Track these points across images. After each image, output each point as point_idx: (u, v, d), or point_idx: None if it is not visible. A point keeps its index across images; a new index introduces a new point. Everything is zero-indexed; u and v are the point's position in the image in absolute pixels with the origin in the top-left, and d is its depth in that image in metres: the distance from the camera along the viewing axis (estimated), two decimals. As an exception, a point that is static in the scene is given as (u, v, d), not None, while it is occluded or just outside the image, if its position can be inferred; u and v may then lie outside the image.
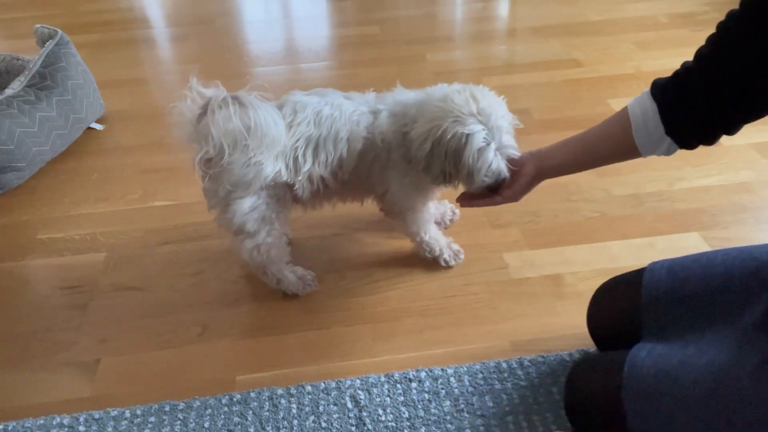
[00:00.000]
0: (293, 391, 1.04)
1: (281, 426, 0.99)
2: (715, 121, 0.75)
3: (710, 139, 0.78)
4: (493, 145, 0.99)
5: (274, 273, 1.17)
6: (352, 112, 1.08)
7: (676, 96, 0.77)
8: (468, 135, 0.97)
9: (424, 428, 0.97)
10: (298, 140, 1.02)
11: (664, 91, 0.80)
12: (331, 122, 1.05)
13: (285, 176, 1.02)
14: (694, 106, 0.75)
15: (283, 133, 0.98)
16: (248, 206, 1.03)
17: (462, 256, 1.28)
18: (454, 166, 1.00)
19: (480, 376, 1.04)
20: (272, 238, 1.09)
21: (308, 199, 1.11)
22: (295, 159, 1.03)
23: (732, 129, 0.76)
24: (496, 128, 1.00)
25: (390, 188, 1.12)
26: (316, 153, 1.04)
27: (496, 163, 1.00)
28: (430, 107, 1.03)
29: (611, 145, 0.93)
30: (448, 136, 0.97)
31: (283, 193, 1.07)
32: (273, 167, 0.99)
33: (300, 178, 1.03)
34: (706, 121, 0.76)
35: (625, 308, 0.91)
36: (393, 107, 1.11)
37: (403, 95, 1.16)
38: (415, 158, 1.03)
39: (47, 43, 1.71)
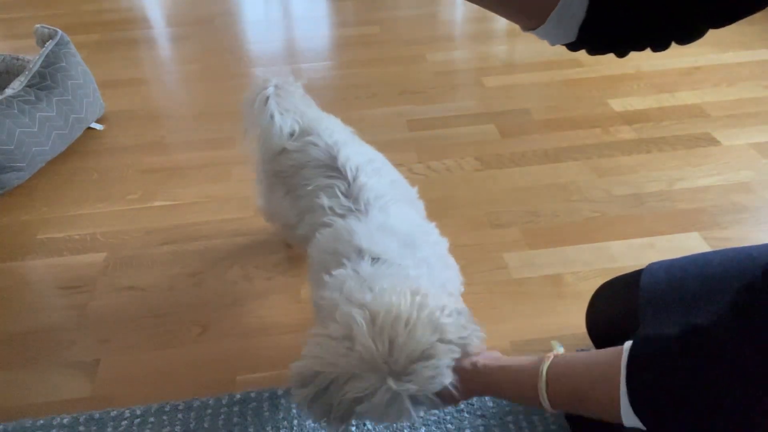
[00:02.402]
0: (293, 391, 1.04)
1: (281, 426, 0.99)
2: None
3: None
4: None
5: None
6: None
7: None
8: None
9: (424, 428, 0.97)
10: None
11: None
12: None
13: None
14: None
15: None
16: None
17: None
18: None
19: (480, 376, 1.04)
20: None
21: None
22: None
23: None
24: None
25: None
26: None
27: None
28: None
29: None
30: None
31: None
32: None
33: None
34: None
35: (623, 309, 0.91)
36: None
37: None
38: None
39: (47, 43, 1.71)
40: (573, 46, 0.69)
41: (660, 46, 0.65)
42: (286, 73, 1.07)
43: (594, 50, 0.68)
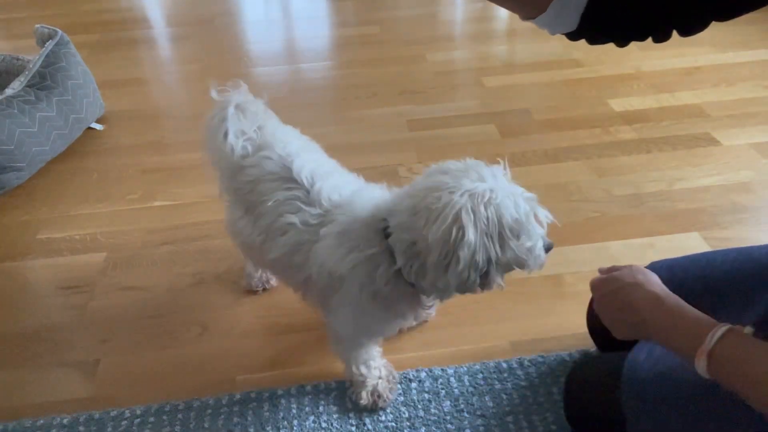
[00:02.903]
0: (293, 391, 1.04)
1: (281, 426, 0.99)
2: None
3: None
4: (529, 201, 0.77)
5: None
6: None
7: None
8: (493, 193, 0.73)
9: (424, 428, 0.97)
10: None
11: None
12: None
13: None
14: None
15: None
16: None
17: (390, 394, 1.01)
18: (499, 246, 0.73)
19: (480, 376, 1.04)
20: None
21: None
22: None
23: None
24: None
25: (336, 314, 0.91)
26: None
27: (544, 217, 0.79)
28: (426, 197, 0.74)
29: None
30: (482, 208, 0.71)
31: None
32: None
33: None
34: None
35: None
36: (343, 225, 0.84)
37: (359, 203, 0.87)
38: (430, 272, 0.74)
39: (47, 43, 1.71)
40: (573, 36, 0.68)
41: (661, 36, 0.64)
42: (246, 89, 1.03)
43: (594, 40, 0.67)
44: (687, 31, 0.63)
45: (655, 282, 0.73)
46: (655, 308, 0.69)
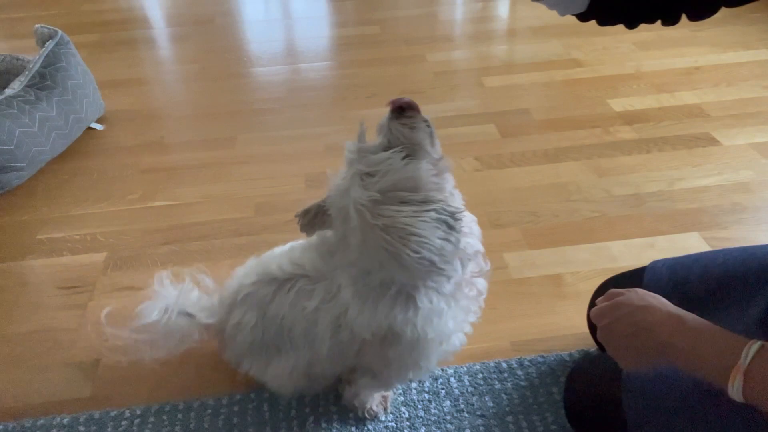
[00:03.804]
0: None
1: (281, 426, 0.99)
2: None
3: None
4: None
5: None
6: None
7: None
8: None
9: (424, 428, 0.97)
10: None
11: None
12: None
13: None
14: None
15: None
16: None
17: (388, 404, 1.02)
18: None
19: (480, 376, 1.04)
20: None
21: None
22: None
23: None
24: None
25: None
26: None
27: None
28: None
29: None
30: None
31: None
32: None
33: None
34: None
35: None
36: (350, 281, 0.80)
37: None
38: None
39: (47, 43, 1.71)
40: (583, 16, 0.68)
41: (670, 19, 0.64)
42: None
43: (604, 21, 0.67)
44: (696, 15, 0.62)
45: (669, 303, 0.67)
46: (676, 329, 0.63)
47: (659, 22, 0.66)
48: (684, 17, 0.65)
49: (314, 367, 0.88)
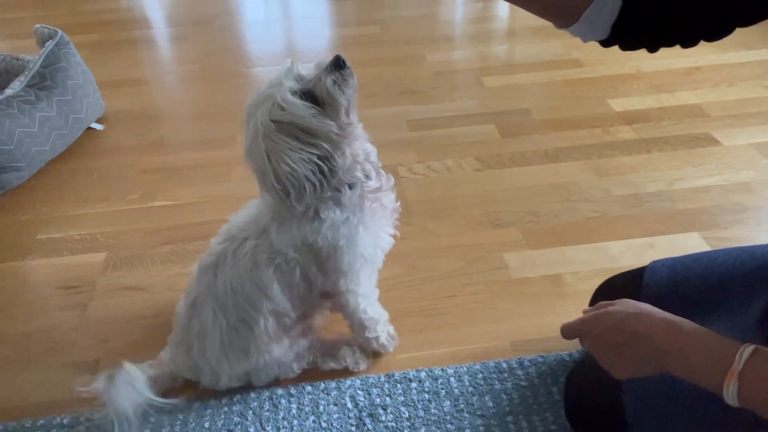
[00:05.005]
0: (293, 391, 1.04)
1: (281, 426, 0.99)
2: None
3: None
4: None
5: None
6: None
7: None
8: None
9: (424, 428, 0.97)
10: None
11: None
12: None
13: None
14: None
15: None
16: None
17: (395, 342, 1.09)
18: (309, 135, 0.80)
19: (480, 376, 1.04)
20: None
21: None
22: None
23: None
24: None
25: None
26: None
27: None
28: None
29: None
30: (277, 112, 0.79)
31: None
32: None
33: None
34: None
35: None
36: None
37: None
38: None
39: (47, 43, 1.71)
40: (605, 43, 0.71)
41: (689, 42, 0.67)
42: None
43: (626, 46, 0.71)
44: (712, 37, 0.65)
45: (660, 310, 0.66)
46: (670, 334, 0.62)
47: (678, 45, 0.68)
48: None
49: (281, 317, 0.95)
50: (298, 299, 0.95)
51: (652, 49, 0.70)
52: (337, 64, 0.82)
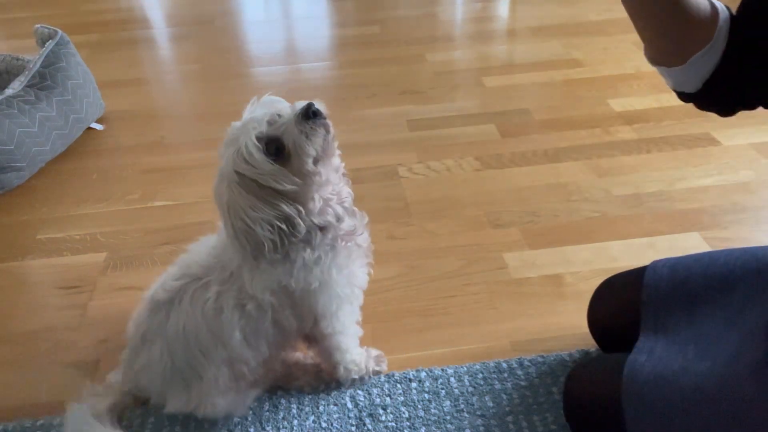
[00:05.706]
0: (293, 391, 1.04)
1: (281, 426, 0.99)
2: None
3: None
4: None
5: None
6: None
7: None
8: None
9: (424, 428, 0.97)
10: None
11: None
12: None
13: None
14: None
15: None
16: None
17: (384, 364, 1.07)
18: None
19: (480, 376, 1.04)
20: None
21: None
22: None
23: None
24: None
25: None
26: None
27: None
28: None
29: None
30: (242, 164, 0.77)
31: None
32: None
33: None
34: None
35: (626, 304, 0.91)
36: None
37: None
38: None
39: (47, 43, 1.71)
40: (688, 97, 0.75)
41: None
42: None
43: (704, 106, 0.76)
44: None
45: None
46: None
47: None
48: None
49: (237, 365, 0.90)
50: (266, 344, 0.91)
51: (729, 112, 0.71)
52: (306, 115, 0.77)
